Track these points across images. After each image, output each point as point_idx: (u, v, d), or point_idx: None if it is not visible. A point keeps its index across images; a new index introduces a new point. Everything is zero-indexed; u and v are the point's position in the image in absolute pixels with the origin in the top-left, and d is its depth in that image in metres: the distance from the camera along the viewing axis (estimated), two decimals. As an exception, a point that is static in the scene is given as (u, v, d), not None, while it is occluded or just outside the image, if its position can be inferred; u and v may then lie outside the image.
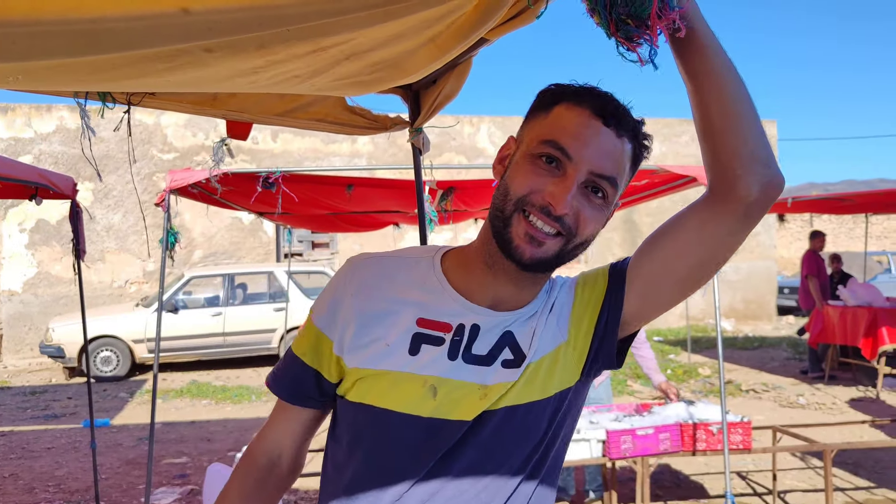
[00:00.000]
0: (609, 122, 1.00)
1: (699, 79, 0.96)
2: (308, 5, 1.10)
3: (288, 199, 3.79)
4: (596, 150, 0.99)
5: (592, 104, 1.01)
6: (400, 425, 1.03)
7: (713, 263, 1.05)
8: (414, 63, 1.37)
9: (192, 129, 12.44)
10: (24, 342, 11.92)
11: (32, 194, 3.80)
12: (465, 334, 1.05)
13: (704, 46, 0.95)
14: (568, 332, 1.09)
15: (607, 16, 0.94)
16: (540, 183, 0.99)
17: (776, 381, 9.16)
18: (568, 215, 0.99)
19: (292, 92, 1.60)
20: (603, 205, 1.03)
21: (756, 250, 14.88)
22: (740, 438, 3.99)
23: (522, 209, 1.00)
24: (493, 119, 13.72)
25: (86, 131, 1.88)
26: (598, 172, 1.00)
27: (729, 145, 0.96)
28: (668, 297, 1.09)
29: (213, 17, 1.12)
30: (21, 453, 6.44)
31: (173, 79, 1.38)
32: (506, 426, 1.04)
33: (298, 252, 13.10)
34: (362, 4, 1.10)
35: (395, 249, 1.20)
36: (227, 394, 8.73)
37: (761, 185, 0.96)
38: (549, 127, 1.02)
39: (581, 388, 1.12)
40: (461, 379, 1.03)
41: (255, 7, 1.10)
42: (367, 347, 1.06)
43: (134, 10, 1.11)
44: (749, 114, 0.96)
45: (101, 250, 12.14)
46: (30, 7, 1.06)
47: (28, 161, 11.67)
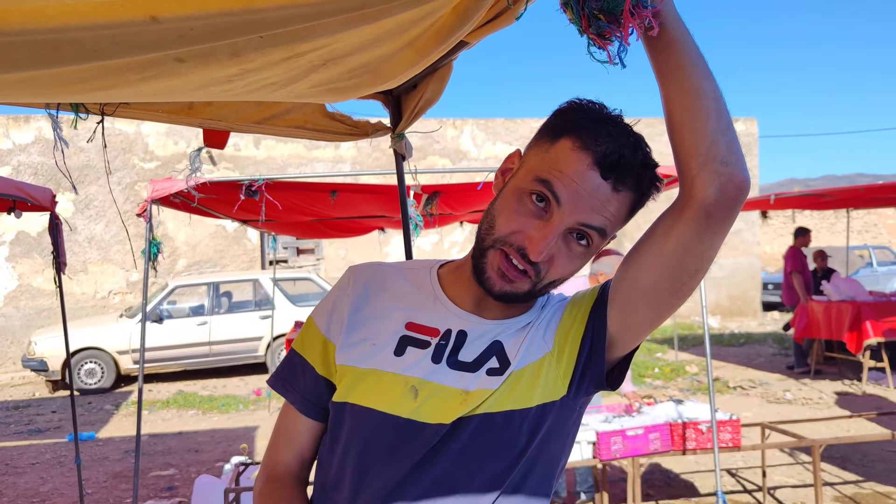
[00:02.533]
0: (608, 176, 0.97)
1: (665, 74, 0.94)
2: (282, 10, 1.07)
3: (272, 207, 3.75)
4: (587, 202, 0.98)
5: (596, 151, 0.97)
6: (379, 424, 1.03)
7: (684, 275, 0.98)
8: (393, 67, 1.34)
9: (174, 138, 12.34)
10: (6, 356, 11.76)
11: (10, 207, 3.74)
12: (451, 339, 1.07)
13: (675, 42, 0.93)
14: (553, 344, 1.08)
15: (580, 11, 0.93)
16: (524, 224, 1.00)
17: (763, 377, 9.20)
18: (542, 262, 1.00)
19: (269, 99, 1.56)
20: (585, 252, 1.03)
21: (740, 247, 14.98)
22: (730, 436, 3.99)
23: (501, 248, 1.01)
24: (476, 121, 13.72)
25: (58, 143, 1.84)
26: (586, 223, 0.99)
27: (687, 141, 0.93)
28: (644, 314, 1.04)
29: (184, 24, 1.08)
30: (4, 469, 6.34)
31: (146, 89, 1.35)
32: (482, 434, 1.02)
33: (283, 259, 13.03)
34: (338, 8, 1.08)
35: (399, 261, 1.23)
36: (214, 403, 8.65)
37: (718, 185, 0.91)
38: (548, 163, 1.00)
39: (569, 406, 1.08)
40: (443, 383, 1.04)
41: (228, 13, 1.07)
42: (355, 347, 1.08)
43: (99, 19, 1.07)
44: (712, 110, 0.92)
45: (84, 261, 12.01)
46: (-9, 18, 1.03)
47: (7, 172, 11.53)
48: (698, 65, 0.93)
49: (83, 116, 1.75)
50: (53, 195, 4.11)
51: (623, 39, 0.93)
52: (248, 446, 5.91)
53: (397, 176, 2.32)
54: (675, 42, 0.93)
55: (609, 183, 0.97)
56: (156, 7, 1.05)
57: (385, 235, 9.18)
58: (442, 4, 1.15)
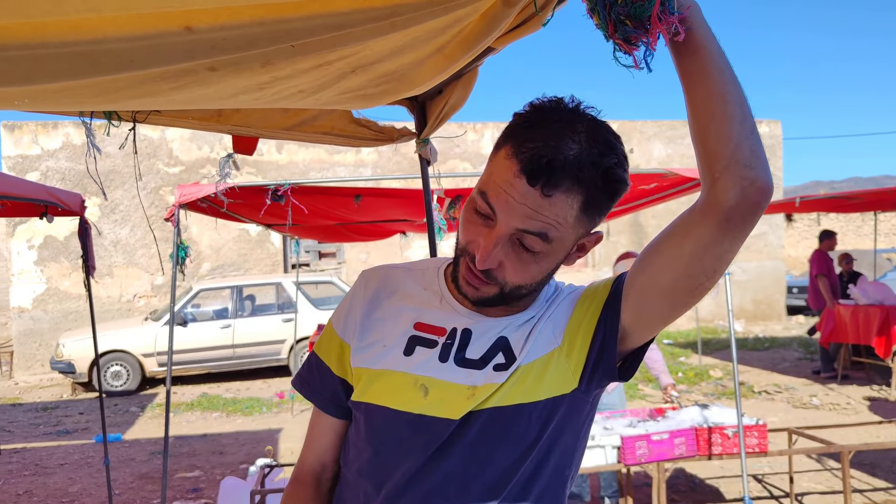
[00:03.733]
0: (534, 182, 0.96)
1: (692, 78, 0.95)
2: (313, 19, 1.09)
3: (297, 211, 3.79)
4: (518, 210, 0.98)
5: (521, 158, 0.97)
6: (392, 420, 1.08)
7: (702, 275, 0.99)
8: (420, 74, 1.36)
9: (198, 143, 12.48)
10: (34, 358, 11.96)
11: (42, 212, 3.81)
12: (456, 338, 1.10)
13: (701, 48, 0.93)
14: (563, 338, 1.09)
15: (606, 16, 0.93)
16: (474, 233, 1.03)
17: (788, 381, 9.09)
18: (492, 270, 1.02)
19: (298, 106, 1.59)
20: (535, 257, 1.02)
21: (764, 250, 14.81)
22: (756, 441, 3.95)
23: (464, 257, 1.06)
24: (496, 125, 13.71)
25: (91, 150, 1.88)
26: (523, 229, 1.00)
27: (711, 146, 0.93)
28: (659, 311, 1.05)
29: (218, 34, 1.11)
30: (35, 469, 6.44)
31: (178, 97, 1.37)
32: (491, 428, 1.05)
33: (305, 262, 13.11)
34: (368, 17, 1.09)
35: (408, 262, 1.26)
36: (238, 406, 8.73)
37: (740, 189, 0.91)
38: (488, 174, 1.03)
39: (581, 398, 1.09)
40: (450, 380, 1.07)
41: (260, 23, 1.09)
42: (368, 349, 1.13)
43: (136, 30, 1.10)
44: (737, 115, 0.92)
45: (109, 265, 12.18)
46: (32, 30, 1.05)
47: (35, 178, 11.73)
48: (724, 70, 0.94)
49: (115, 124, 1.78)
50: (83, 200, 4.18)
51: (650, 45, 0.93)
52: (273, 448, 5.95)
53: (422, 180, 2.33)
54: (701, 47, 0.94)
55: (537, 189, 0.97)
56: (191, 18, 1.07)
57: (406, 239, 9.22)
58: (470, 11, 1.16)
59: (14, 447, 7.28)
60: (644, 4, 0.90)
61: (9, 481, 6.12)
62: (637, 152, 14.13)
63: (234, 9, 1.06)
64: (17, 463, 6.70)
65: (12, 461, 6.77)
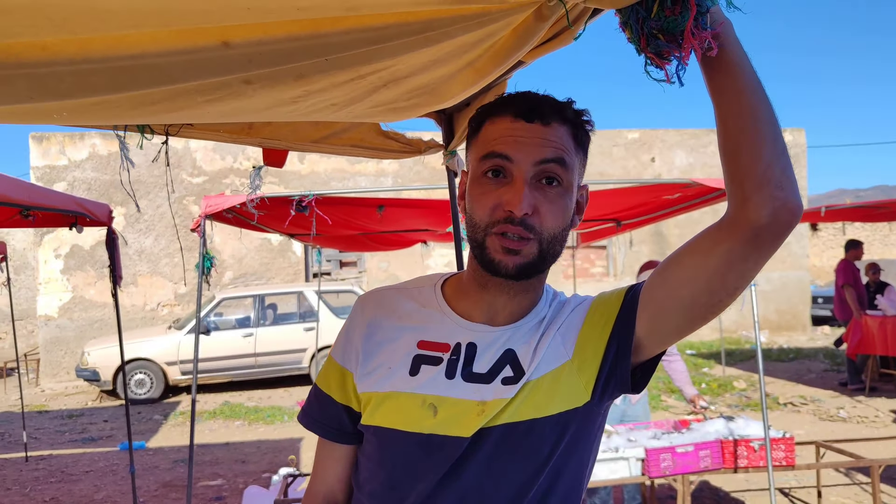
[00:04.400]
0: (532, 118, 1.04)
1: (723, 96, 0.94)
2: (348, 34, 1.10)
3: (321, 221, 3.82)
4: (530, 143, 1.03)
5: (511, 109, 1.06)
6: (403, 442, 1.07)
7: (723, 292, 0.99)
8: (451, 88, 1.37)
9: (221, 153, 12.62)
10: (60, 366, 12.11)
11: (72, 223, 3.87)
12: (461, 353, 1.08)
13: (733, 64, 0.93)
14: (574, 351, 1.08)
15: (639, 30, 0.94)
16: (495, 197, 1.03)
17: (815, 393, 8.96)
18: (528, 215, 1.02)
19: (329, 119, 1.60)
20: (561, 192, 1.05)
21: (788, 260, 14.64)
22: (783, 454, 3.90)
23: (492, 232, 1.04)
24: (517, 134, 13.71)
25: (124, 162, 1.91)
26: (542, 158, 1.03)
27: (742, 164, 0.93)
28: (675, 324, 1.05)
29: (254, 49, 1.12)
30: (61, 476, 6.52)
31: (213, 110, 1.40)
32: (505, 444, 1.04)
33: (327, 271, 13.17)
34: (402, 32, 1.10)
35: (400, 283, 1.25)
36: (260, 414, 8.77)
37: (772, 208, 0.91)
38: (483, 144, 1.07)
39: (594, 411, 1.09)
40: (459, 397, 1.06)
41: (295, 38, 1.10)
42: (373, 373, 1.11)
43: (174, 45, 1.12)
44: (768, 134, 0.92)
45: (134, 274, 12.32)
46: (78, 46, 1.08)
47: (62, 188, 11.92)
48: (756, 88, 0.94)
49: (148, 137, 1.81)
50: (110, 211, 4.25)
51: (682, 59, 0.94)
52: (295, 458, 5.97)
53: (450, 192, 2.34)
54: (734, 65, 0.94)
55: (536, 123, 1.04)
56: (228, 33, 1.09)
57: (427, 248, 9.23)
58: (502, 26, 1.16)
59: (41, 454, 7.36)
60: (677, 19, 0.90)
61: (35, 488, 6.19)
62: (659, 161, 14.07)
63: (270, 24, 1.08)
64: (43, 469, 6.78)
65: (39, 467, 6.85)
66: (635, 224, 5.61)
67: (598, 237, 6.64)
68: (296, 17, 1.06)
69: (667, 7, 0.89)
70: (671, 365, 4.34)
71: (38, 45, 1.08)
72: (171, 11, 1.01)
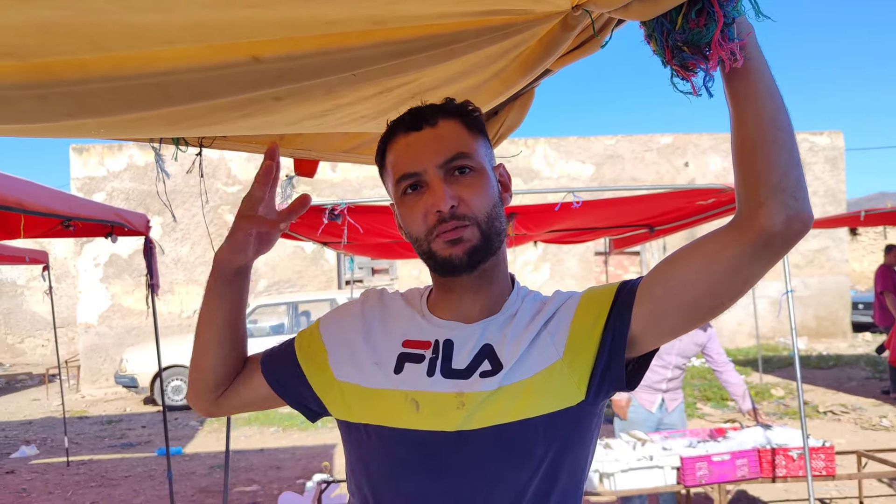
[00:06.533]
0: (420, 126, 1.10)
1: (743, 101, 0.94)
2: (375, 48, 1.12)
3: (352, 230, 3.84)
4: (427, 148, 1.08)
5: (401, 126, 1.12)
6: (388, 438, 1.08)
7: (726, 295, 0.99)
8: (479, 98, 1.37)
9: (255, 163, 12.74)
10: (99, 372, 12.37)
11: (108, 232, 3.96)
12: (440, 351, 1.11)
13: (754, 71, 0.93)
14: (564, 349, 1.07)
15: (664, 43, 0.93)
16: (420, 207, 1.08)
17: (856, 401, 8.75)
18: (455, 206, 1.06)
19: (358, 131, 1.62)
20: (476, 175, 1.09)
21: (826, 265, 14.34)
22: (823, 464, 3.81)
23: (433, 237, 1.08)
24: (548, 140, 13.68)
25: (160, 174, 1.95)
26: (444, 159, 1.07)
27: (757, 170, 0.93)
28: (673, 324, 1.05)
29: (284, 64, 1.14)
30: (101, 481, 6.65)
31: (244, 124, 1.42)
32: (497, 445, 1.04)
33: (359, 279, 13.26)
34: (428, 44, 1.11)
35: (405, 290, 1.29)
36: (294, 421, 8.85)
37: (785, 217, 0.92)
38: (392, 170, 1.13)
39: (588, 409, 1.08)
40: (438, 391, 1.07)
41: (324, 52, 1.12)
42: (360, 368, 1.14)
43: (205, 61, 1.14)
44: (784, 141, 0.93)
45: (171, 282, 12.54)
46: (112, 64, 1.11)
47: (101, 198, 12.20)
48: (775, 96, 0.94)
49: (183, 149, 1.85)
50: (148, 220, 4.33)
51: (708, 71, 0.93)
52: (329, 464, 6.01)
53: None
54: (755, 71, 0.93)
55: (425, 129, 1.10)
56: (258, 48, 1.12)
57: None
58: (528, 37, 1.17)
59: (81, 458, 7.52)
60: (702, 31, 0.90)
61: (76, 492, 6.33)
62: (692, 166, 13.90)
63: (299, 39, 1.10)
64: (84, 474, 6.93)
65: (80, 472, 7.00)
66: (669, 230, 5.55)
67: (630, 243, 6.59)
68: (324, 31, 1.08)
69: (691, 19, 0.89)
70: (723, 376, 4.26)
71: (77, 62, 1.11)
72: (202, 27, 1.03)
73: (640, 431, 4.11)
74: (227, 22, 1.02)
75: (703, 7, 0.89)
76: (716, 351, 4.20)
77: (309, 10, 0.99)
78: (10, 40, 1.00)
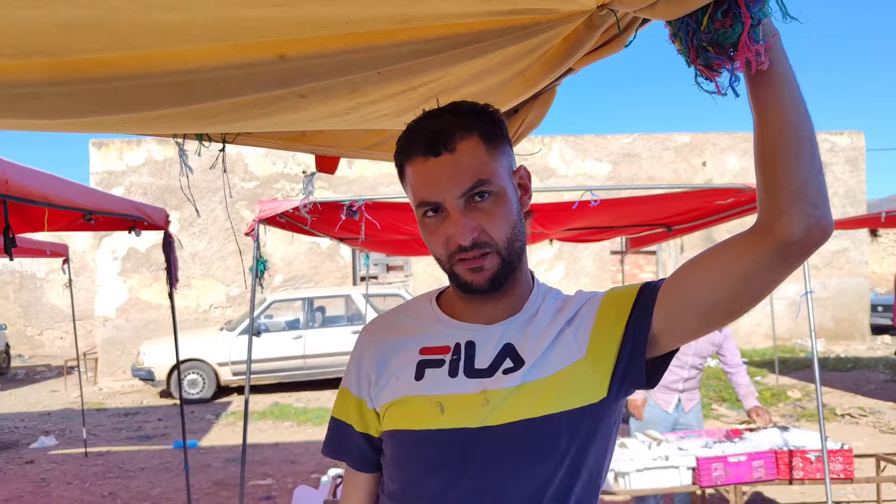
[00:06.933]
0: (437, 152, 1.07)
1: (764, 108, 0.94)
2: (400, 46, 1.12)
3: (370, 226, 3.86)
4: (446, 178, 1.07)
5: (419, 148, 1.08)
6: (416, 441, 1.11)
7: (745, 299, 1.01)
8: (502, 96, 1.38)
9: (272, 159, 12.86)
10: (116, 365, 12.49)
11: (131, 226, 3.99)
12: (461, 352, 1.13)
13: (779, 78, 0.93)
14: (587, 348, 1.10)
15: (689, 42, 0.93)
16: (441, 234, 1.09)
17: (874, 405, 8.67)
18: (476, 237, 1.06)
19: (380, 128, 1.63)
20: (496, 199, 1.08)
21: (846, 266, 14.19)
22: (841, 467, 3.78)
23: (454, 261, 1.09)
24: (564, 138, 13.64)
25: (184, 168, 1.97)
26: (463, 191, 1.06)
27: (779, 177, 0.93)
28: (691, 326, 1.07)
29: (309, 62, 1.15)
30: (118, 472, 6.72)
31: (268, 121, 1.43)
32: (521, 440, 1.06)
33: (374, 275, 13.29)
34: (453, 43, 1.11)
35: (397, 305, 1.32)
36: (309, 415, 8.89)
37: (806, 225, 0.92)
38: (411, 191, 1.12)
39: (610, 407, 1.10)
40: (463, 392, 1.09)
41: (350, 50, 1.13)
42: (385, 387, 1.17)
43: (231, 59, 1.15)
44: (806, 150, 0.93)
45: (187, 276, 12.62)
46: (138, 62, 1.12)
47: (120, 192, 12.30)
48: (799, 104, 0.94)
49: (206, 145, 1.86)
50: (167, 215, 4.37)
51: (733, 71, 0.93)
52: (342, 459, 6.04)
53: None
54: (780, 78, 0.93)
55: (443, 154, 1.07)
56: (284, 47, 1.12)
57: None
58: (553, 36, 1.17)
59: (99, 450, 7.61)
60: (727, 31, 0.89)
61: (94, 483, 6.40)
62: (710, 165, 13.81)
63: (326, 38, 1.10)
64: (101, 465, 7.01)
65: (97, 463, 7.08)
66: (686, 229, 5.52)
67: (647, 242, 6.55)
68: (349, 30, 1.09)
69: (717, 20, 0.88)
70: (734, 377, 4.24)
71: (103, 60, 1.12)
72: (228, 26, 1.04)
73: (656, 431, 4.09)
74: (253, 21, 1.03)
75: (729, 8, 0.89)
76: (730, 351, 4.18)
77: (335, 9, 0.99)
78: (40, 39, 1.02)
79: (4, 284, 17.26)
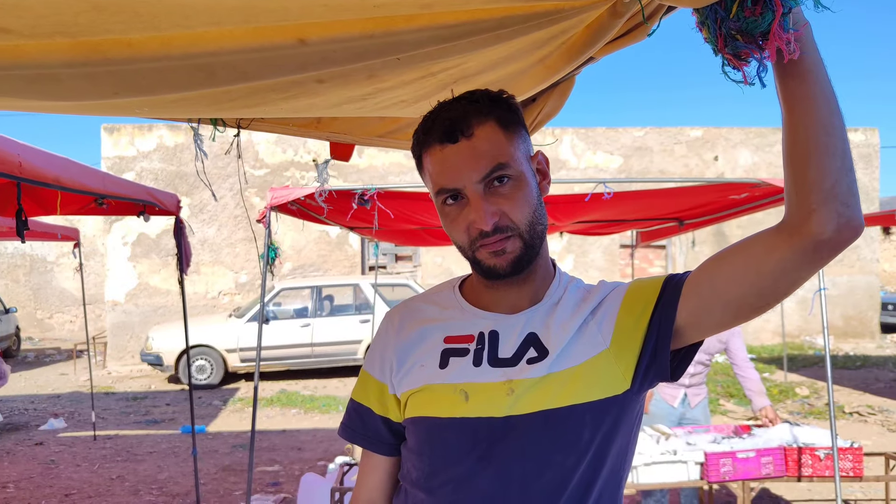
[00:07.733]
0: (455, 138, 1.07)
1: (794, 104, 0.92)
2: (420, 32, 1.11)
3: (382, 215, 3.85)
4: (465, 164, 1.07)
5: (436, 135, 1.09)
6: (438, 429, 1.11)
7: (772, 296, 1.01)
8: (521, 84, 1.36)
9: (283, 146, 12.86)
10: (126, 349, 12.56)
11: (141, 211, 4.00)
12: (485, 341, 1.13)
13: (809, 72, 0.91)
14: (611, 339, 1.10)
15: (717, 30, 0.91)
16: (462, 220, 1.09)
17: (883, 403, 8.62)
18: (497, 221, 1.07)
19: (397, 115, 1.62)
20: (515, 183, 1.08)
21: (856, 264, 14.11)
22: (850, 465, 3.76)
23: (476, 248, 1.09)
24: (576, 130, 13.58)
25: (199, 153, 1.96)
26: (482, 176, 1.06)
27: (809, 176, 0.91)
28: (717, 320, 1.06)
29: (328, 47, 1.14)
30: (126, 456, 6.77)
31: (286, 106, 1.42)
32: (545, 430, 1.06)
33: (382, 265, 13.30)
34: (474, 29, 1.10)
35: (423, 291, 1.31)
36: (316, 403, 8.92)
37: (836, 225, 0.91)
38: (430, 179, 1.12)
39: (633, 399, 1.11)
40: (487, 381, 1.09)
41: (370, 35, 1.11)
42: (408, 374, 1.16)
43: (251, 42, 1.14)
44: (838, 148, 0.91)
45: (197, 263, 12.66)
46: (160, 44, 1.11)
47: (131, 178, 12.34)
48: (830, 100, 0.91)
49: (221, 130, 1.86)
50: (178, 200, 4.38)
51: (762, 61, 0.91)
52: (352, 447, 6.06)
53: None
54: (811, 72, 0.91)
55: (461, 140, 1.07)
56: (304, 31, 1.11)
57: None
58: (576, 23, 1.16)
59: (107, 433, 7.66)
60: (757, 20, 0.88)
61: (103, 465, 6.45)
62: (722, 160, 13.73)
63: (346, 22, 1.09)
64: (110, 448, 7.06)
65: (106, 446, 7.13)
66: (698, 224, 5.49)
67: (658, 236, 6.52)
68: (371, 14, 1.07)
69: (747, 8, 0.87)
70: (741, 373, 4.21)
71: (125, 41, 1.12)
72: (251, 8, 1.03)
73: (663, 425, 4.08)
74: (276, 4, 1.02)
75: None
76: (737, 347, 4.16)
77: (360, -9, 0.98)
78: (62, 18, 1.01)
79: (15, 267, 17.37)
